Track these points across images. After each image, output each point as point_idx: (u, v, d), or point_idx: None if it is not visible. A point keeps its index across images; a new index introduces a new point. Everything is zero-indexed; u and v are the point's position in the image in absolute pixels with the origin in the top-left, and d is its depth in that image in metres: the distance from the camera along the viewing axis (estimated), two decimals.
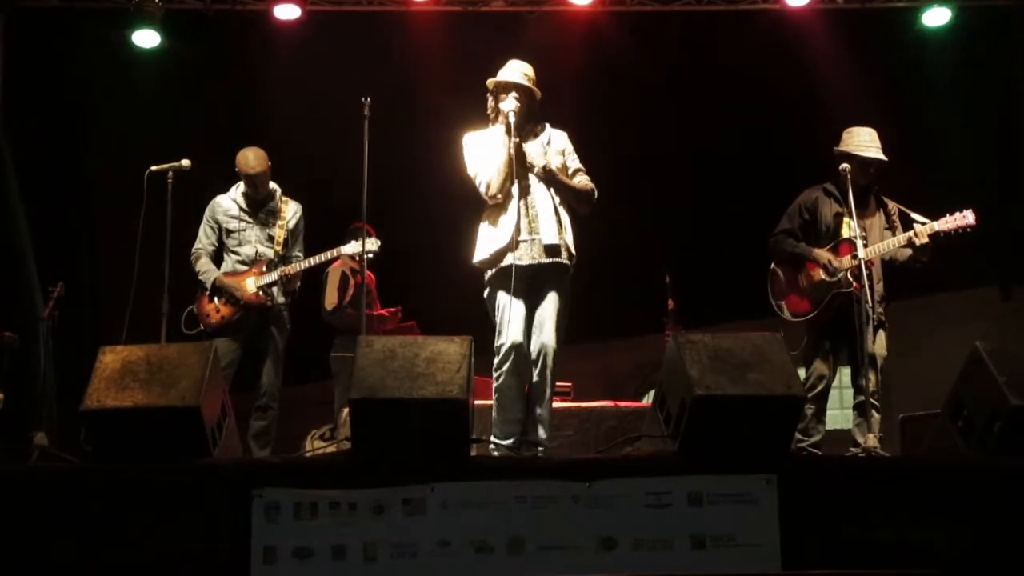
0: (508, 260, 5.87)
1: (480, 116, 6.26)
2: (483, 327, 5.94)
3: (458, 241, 6.49)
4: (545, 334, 5.90)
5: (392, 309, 8.98)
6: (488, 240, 5.99)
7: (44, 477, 4.82)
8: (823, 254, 6.84)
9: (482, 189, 6.00)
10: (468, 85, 6.79)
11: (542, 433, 5.91)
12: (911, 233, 6.72)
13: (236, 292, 6.93)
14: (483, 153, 6.05)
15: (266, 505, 4.50)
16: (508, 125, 5.96)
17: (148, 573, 4.47)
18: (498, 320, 5.91)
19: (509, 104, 6.01)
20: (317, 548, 4.47)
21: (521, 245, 5.88)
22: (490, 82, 6.15)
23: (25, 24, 9.73)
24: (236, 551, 4.46)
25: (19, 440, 6.67)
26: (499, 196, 5.96)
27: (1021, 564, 4.57)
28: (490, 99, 6.17)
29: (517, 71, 6.10)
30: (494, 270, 5.96)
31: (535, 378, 5.90)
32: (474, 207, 6.17)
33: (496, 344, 5.89)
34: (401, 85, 9.85)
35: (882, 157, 6.83)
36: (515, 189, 5.94)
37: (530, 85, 6.07)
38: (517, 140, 5.97)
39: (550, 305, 5.94)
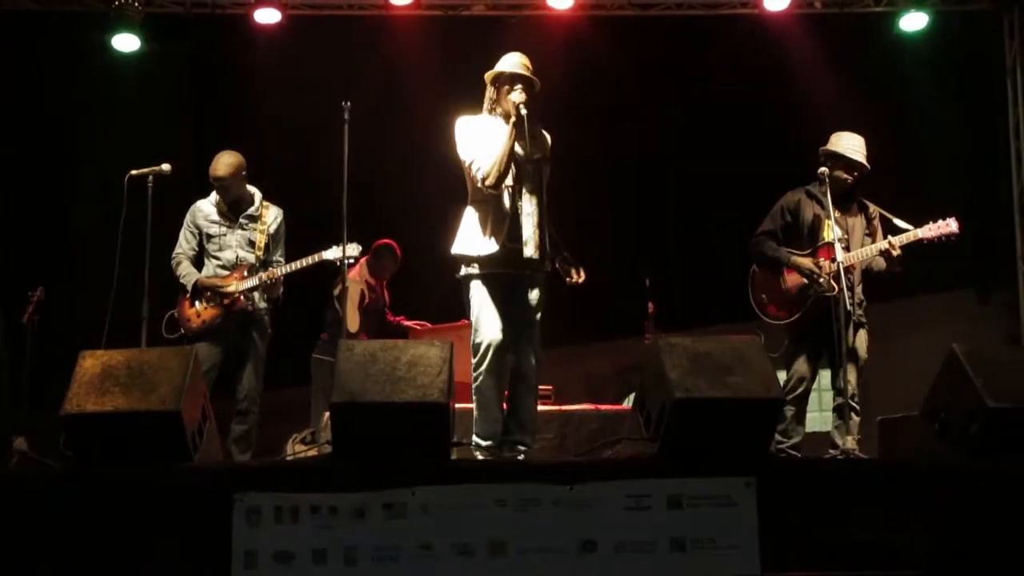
0: (492, 267, 5.85)
1: (465, 113, 6.17)
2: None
3: (440, 242, 6.47)
4: (529, 336, 5.90)
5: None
6: (475, 239, 5.90)
7: (23, 481, 4.80)
8: (804, 263, 6.84)
9: (479, 176, 5.87)
10: (449, 89, 6.77)
11: (526, 434, 5.90)
12: (885, 244, 6.75)
13: (221, 288, 6.91)
14: (479, 139, 5.93)
15: (247, 509, 4.49)
16: (520, 118, 5.83)
17: None
18: (475, 318, 5.88)
19: (519, 96, 5.88)
20: (298, 552, 4.47)
21: (508, 252, 5.83)
22: (489, 75, 6.04)
23: (3, 28, 9.70)
24: (217, 555, 4.45)
25: None
26: (495, 189, 5.85)
27: (998, 563, 4.59)
28: (490, 91, 6.06)
29: (519, 63, 6.00)
30: (476, 270, 5.90)
31: (520, 379, 5.90)
32: (460, 197, 6.12)
33: (474, 342, 5.86)
34: (382, 89, 9.84)
35: (866, 164, 6.86)
36: (508, 191, 5.90)
37: (532, 77, 5.99)
38: (520, 145, 5.87)
39: (532, 307, 5.93)
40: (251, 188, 7.12)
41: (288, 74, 9.90)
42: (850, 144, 6.87)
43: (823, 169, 6.71)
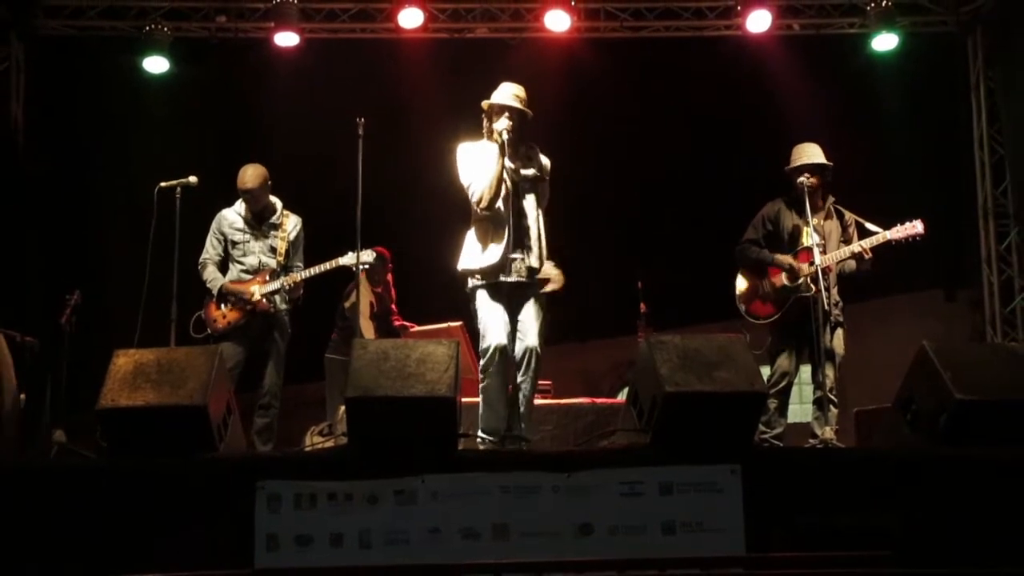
0: (495, 277, 5.86)
1: (467, 133, 6.20)
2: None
3: (447, 251, 6.48)
4: (530, 338, 5.90)
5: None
6: (477, 253, 5.93)
7: (63, 471, 4.81)
8: (785, 259, 6.88)
9: (474, 200, 5.94)
10: (455, 105, 6.75)
11: (525, 429, 5.90)
12: (857, 246, 6.76)
13: (244, 295, 6.93)
14: (475, 164, 5.98)
15: (268, 496, 4.50)
16: (501, 144, 5.90)
17: (159, 560, 4.46)
18: (482, 326, 5.90)
19: (502, 124, 5.93)
20: (316, 536, 4.47)
21: (509, 263, 5.84)
22: (485, 104, 6.07)
23: (43, 52, 9.73)
24: (241, 539, 4.45)
25: (40, 437, 6.66)
26: (488, 210, 5.91)
27: (966, 543, 4.59)
28: (485, 119, 6.10)
29: (509, 94, 6.04)
30: (481, 282, 5.92)
31: (520, 378, 5.89)
32: (463, 214, 6.13)
33: (481, 347, 5.88)
34: (393, 106, 9.84)
35: (828, 163, 6.88)
36: (504, 207, 5.90)
37: (522, 107, 6.03)
38: (511, 165, 5.90)
39: (532, 312, 5.93)
40: (273, 198, 7.13)
41: (306, 92, 9.90)
42: (807, 152, 6.90)
43: (801, 179, 6.73)
